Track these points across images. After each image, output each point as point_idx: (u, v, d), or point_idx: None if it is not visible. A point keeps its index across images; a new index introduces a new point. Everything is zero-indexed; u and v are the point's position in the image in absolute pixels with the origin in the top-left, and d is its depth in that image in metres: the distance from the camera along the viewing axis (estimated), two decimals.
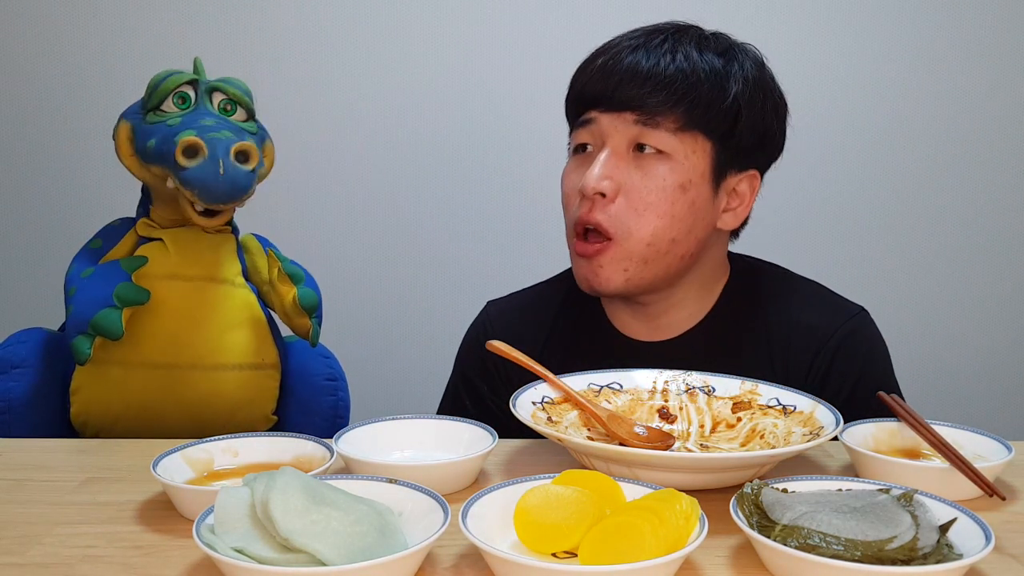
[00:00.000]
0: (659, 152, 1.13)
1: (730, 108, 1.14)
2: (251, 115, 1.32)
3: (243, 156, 1.20)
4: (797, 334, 1.19)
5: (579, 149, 1.19)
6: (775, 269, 1.28)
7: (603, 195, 1.13)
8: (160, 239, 1.29)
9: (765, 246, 1.35)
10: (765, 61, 1.21)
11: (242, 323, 1.29)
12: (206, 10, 2.01)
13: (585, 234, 1.16)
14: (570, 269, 1.27)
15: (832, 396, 1.12)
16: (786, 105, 1.22)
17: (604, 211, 1.14)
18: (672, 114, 1.13)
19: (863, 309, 1.23)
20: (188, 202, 1.24)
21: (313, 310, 1.28)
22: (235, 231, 1.37)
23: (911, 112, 2.06)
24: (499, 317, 1.33)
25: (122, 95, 1.40)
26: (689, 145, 1.14)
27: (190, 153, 1.19)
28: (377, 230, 2.09)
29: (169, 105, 1.27)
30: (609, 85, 1.15)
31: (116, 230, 1.34)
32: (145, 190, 1.33)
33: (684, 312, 1.22)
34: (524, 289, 1.37)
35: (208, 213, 1.26)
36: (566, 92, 1.22)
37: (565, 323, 1.29)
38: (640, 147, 1.14)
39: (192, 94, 1.28)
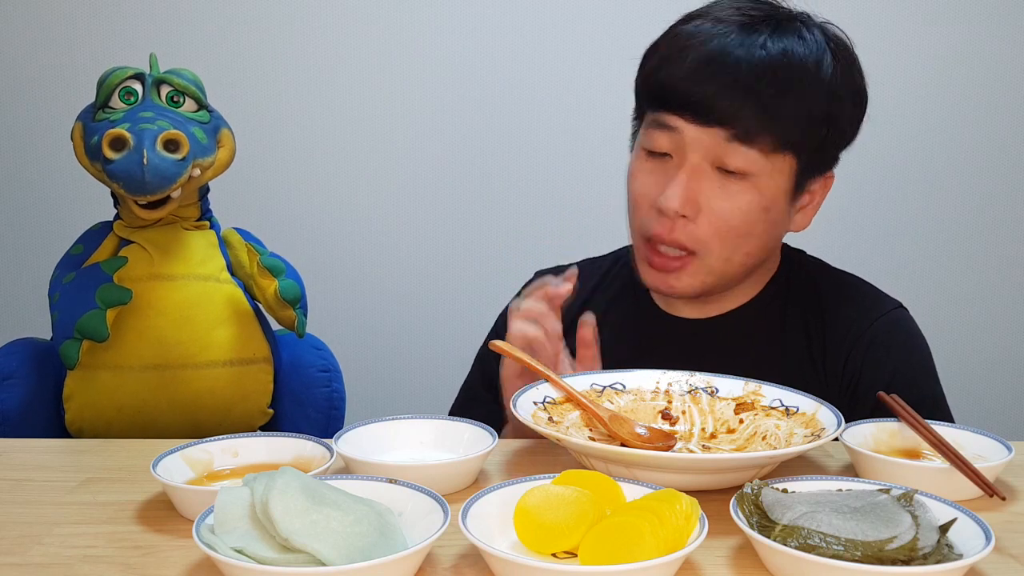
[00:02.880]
0: (744, 173, 1.09)
1: (824, 123, 1.10)
2: (202, 104, 1.29)
3: (173, 145, 1.18)
4: (835, 325, 1.19)
5: (656, 151, 1.13)
6: (818, 261, 1.28)
7: (684, 216, 1.10)
8: (136, 241, 1.27)
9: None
10: (853, 49, 1.13)
11: (229, 319, 1.29)
12: (208, 6, 2.01)
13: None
14: (620, 249, 1.29)
15: (868, 390, 1.12)
16: (867, 98, 1.15)
17: (685, 231, 1.11)
18: (768, 135, 1.07)
19: (901, 305, 1.22)
20: (127, 196, 1.21)
21: (296, 302, 1.27)
22: (215, 227, 1.35)
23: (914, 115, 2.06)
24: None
25: None
26: (776, 164, 1.10)
27: (117, 146, 1.17)
28: (379, 227, 2.10)
29: (116, 101, 1.26)
30: (703, 93, 1.06)
31: (96, 234, 1.33)
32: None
33: (732, 295, 1.22)
34: (574, 263, 1.35)
35: (150, 206, 1.22)
36: (640, 66, 1.14)
37: (603, 294, 1.29)
38: (724, 162, 1.08)
39: (139, 89, 1.26)
